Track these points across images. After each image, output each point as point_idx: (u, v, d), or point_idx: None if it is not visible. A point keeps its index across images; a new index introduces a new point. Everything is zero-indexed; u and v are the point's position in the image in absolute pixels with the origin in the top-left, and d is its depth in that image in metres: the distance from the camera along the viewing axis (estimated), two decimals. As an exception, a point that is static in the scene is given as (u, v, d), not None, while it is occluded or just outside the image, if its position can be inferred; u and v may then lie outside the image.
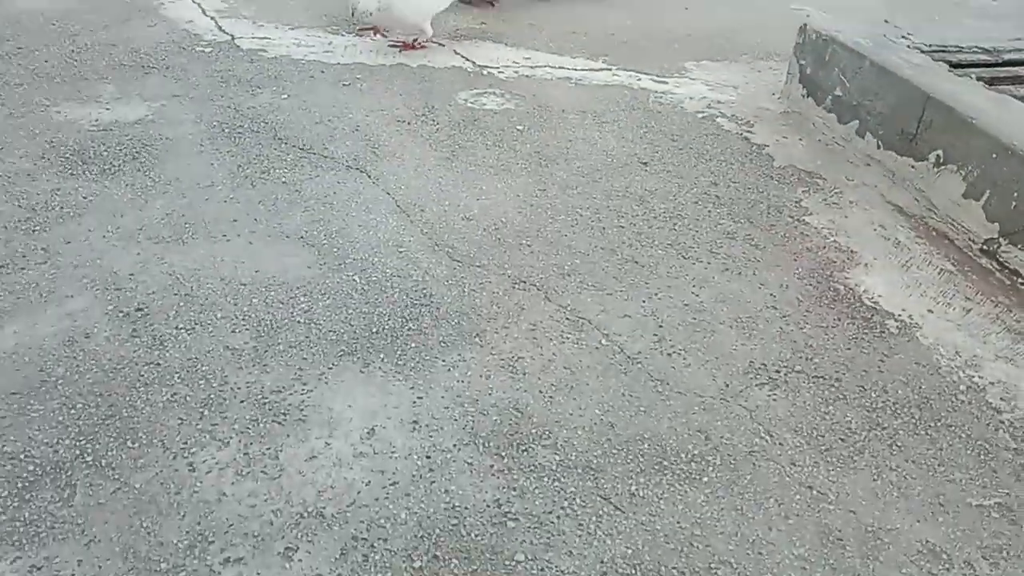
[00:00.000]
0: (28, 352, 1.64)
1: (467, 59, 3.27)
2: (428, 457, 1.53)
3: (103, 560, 1.28)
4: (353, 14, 3.08)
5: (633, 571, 1.36)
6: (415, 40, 3.27)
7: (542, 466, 1.54)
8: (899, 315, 2.07)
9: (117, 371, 1.61)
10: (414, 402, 1.64)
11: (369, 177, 2.37)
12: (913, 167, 2.56)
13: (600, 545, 1.40)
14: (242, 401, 1.59)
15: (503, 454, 1.55)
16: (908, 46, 2.85)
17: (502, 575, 1.33)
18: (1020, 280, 2.22)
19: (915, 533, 1.50)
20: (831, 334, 1.97)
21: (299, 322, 1.80)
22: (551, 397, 1.69)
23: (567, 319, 1.92)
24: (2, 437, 1.46)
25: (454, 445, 1.56)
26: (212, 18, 3.36)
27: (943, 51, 2.87)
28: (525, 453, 1.56)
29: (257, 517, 1.37)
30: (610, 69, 3.31)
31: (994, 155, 2.29)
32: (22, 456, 1.43)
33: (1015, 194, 2.23)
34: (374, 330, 1.80)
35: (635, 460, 1.57)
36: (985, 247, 2.32)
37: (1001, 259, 2.27)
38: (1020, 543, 1.50)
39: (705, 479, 1.55)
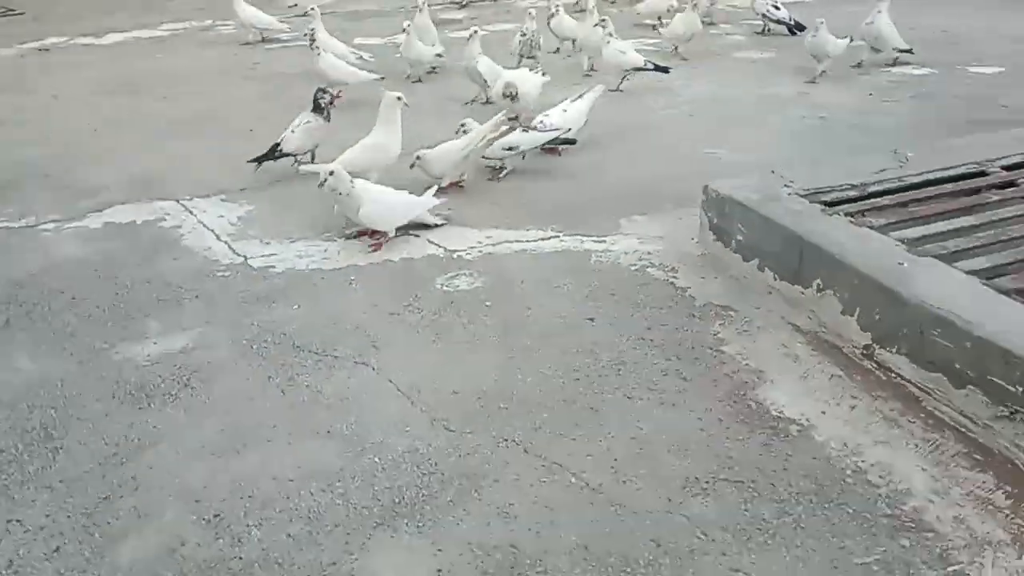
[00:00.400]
0: (143, 567, 2.17)
1: (439, 246, 3.95)
2: (451, 595, 2.05)
3: None
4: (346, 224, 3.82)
5: (609, 658, 1.88)
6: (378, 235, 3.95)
7: (536, 589, 2.07)
8: (799, 419, 2.65)
9: (212, 568, 2.15)
10: (435, 554, 2.18)
11: (373, 370, 2.97)
12: (803, 293, 3.21)
13: (583, 643, 1.92)
14: None
15: (506, 584, 2.08)
16: (789, 193, 3.56)
17: (515, 676, 1.84)
18: (893, 375, 2.82)
19: (813, 596, 2.02)
20: (747, 444, 2.54)
21: (338, 504, 2.35)
22: (537, 532, 2.24)
23: (542, 465, 2.48)
24: (137, 630, 1.98)
25: (469, 583, 2.09)
26: (225, 242, 4.06)
27: (818, 192, 3.58)
28: (522, 581, 2.09)
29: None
30: (558, 236, 4.01)
31: (855, 281, 2.94)
32: (155, 642, 1.95)
33: (876, 310, 2.87)
34: (397, 501, 2.36)
35: (606, 570, 2.10)
36: (864, 351, 2.93)
37: (878, 360, 2.88)
38: (892, 591, 2.03)
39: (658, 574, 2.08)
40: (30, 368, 3.06)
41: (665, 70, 6.24)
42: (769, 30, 8.40)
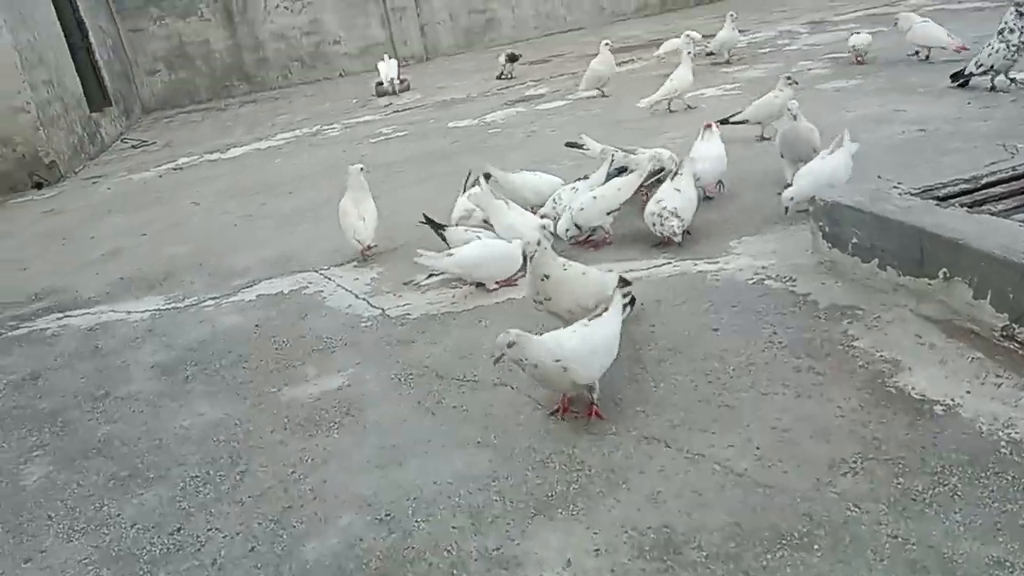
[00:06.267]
0: (329, 557, 2.40)
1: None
2: (612, 571, 2.16)
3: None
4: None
5: (776, 616, 1.93)
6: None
7: (694, 561, 2.14)
8: (943, 400, 2.64)
9: (389, 557, 2.35)
10: (592, 536, 2.30)
11: (512, 389, 3.16)
12: (930, 284, 3.20)
13: (748, 603, 1.97)
14: (476, 559, 2.28)
15: (664, 558, 2.17)
16: (900, 194, 3.60)
17: (685, 635, 1.92)
18: (1038, 352, 2.76)
19: (981, 549, 2.01)
20: (891, 426, 2.55)
21: (496, 500, 2.52)
22: (688, 513, 2.32)
23: (685, 458, 2.57)
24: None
25: (628, 559, 2.19)
26: (364, 299, 4.43)
27: (930, 190, 3.60)
28: (679, 555, 2.17)
29: (510, 628, 2.02)
30: (670, 262, 4.15)
31: (982, 263, 2.93)
32: (348, 620, 2.15)
33: (1009, 290, 2.84)
34: (551, 495, 2.50)
35: (760, 544, 2.16)
36: (1004, 332, 2.89)
37: (1019, 339, 2.83)
38: (1066, 545, 1.98)
39: (815, 546, 2.12)
40: (211, 412, 3.45)
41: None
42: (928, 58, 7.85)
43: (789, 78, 5.73)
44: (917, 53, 7.91)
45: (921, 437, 2.48)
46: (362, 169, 5.22)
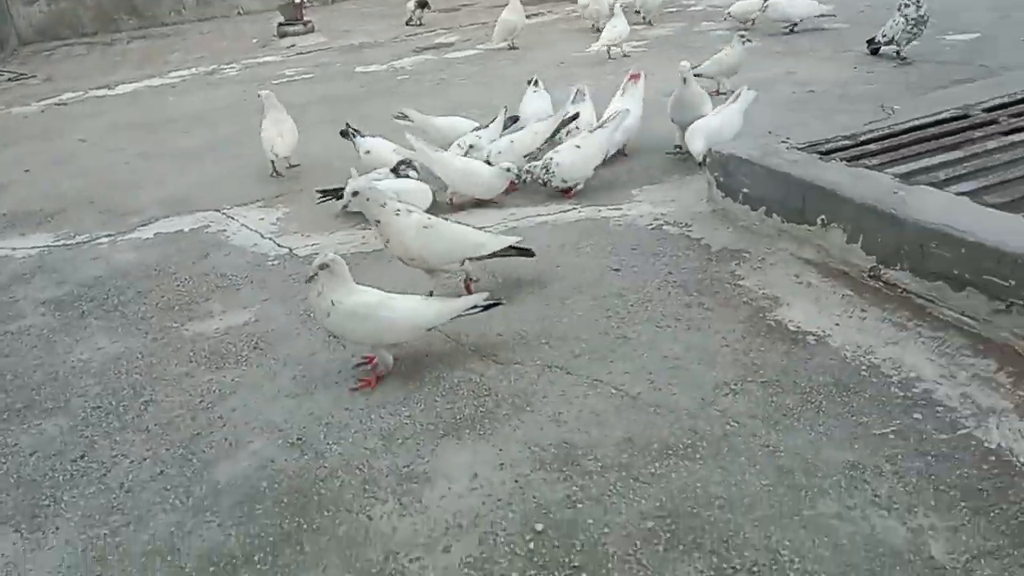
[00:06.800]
0: (240, 478, 2.45)
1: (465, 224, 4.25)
2: (516, 481, 2.31)
3: (333, 570, 2.05)
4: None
5: (661, 515, 2.13)
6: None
7: (591, 471, 2.32)
8: (815, 331, 2.91)
9: (301, 476, 2.42)
10: (497, 453, 2.44)
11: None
12: (809, 230, 3.48)
13: (637, 504, 2.17)
14: (387, 475, 2.39)
15: (564, 469, 2.34)
16: (788, 148, 3.86)
17: (580, 534, 2.09)
18: (899, 290, 3.08)
19: (839, 455, 2.28)
20: (769, 353, 2.81)
21: (407, 423, 2.63)
22: (586, 431, 2.50)
23: (585, 383, 2.75)
24: (249, 525, 2.25)
25: (530, 471, 2.35)
26: (270, 239, 4.38)
27: (814, 145, 3.88)
28: (577, 466, 2.35)
29: (422, 535, 2.15)
30: (576, 208, 4.31)
31: (856, 212, 3.22)
32: (262, 534, 2.22)
33: (878, 235, 3.14)
34: (459, 418, 2.63)
35: (650, 455, 2.36)
36: (871, 273, 3.20)
37: (884, 279, 3.15)
38: (909, 450, 2.28)
39: (698, 455, 2.34)
40: (110, 346, 3.37)
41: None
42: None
43: (742, 36, 5.96)
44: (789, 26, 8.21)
45: (795, 363, 2.74)
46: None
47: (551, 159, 4.36)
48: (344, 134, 5.11)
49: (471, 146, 4.79)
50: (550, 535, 2.11)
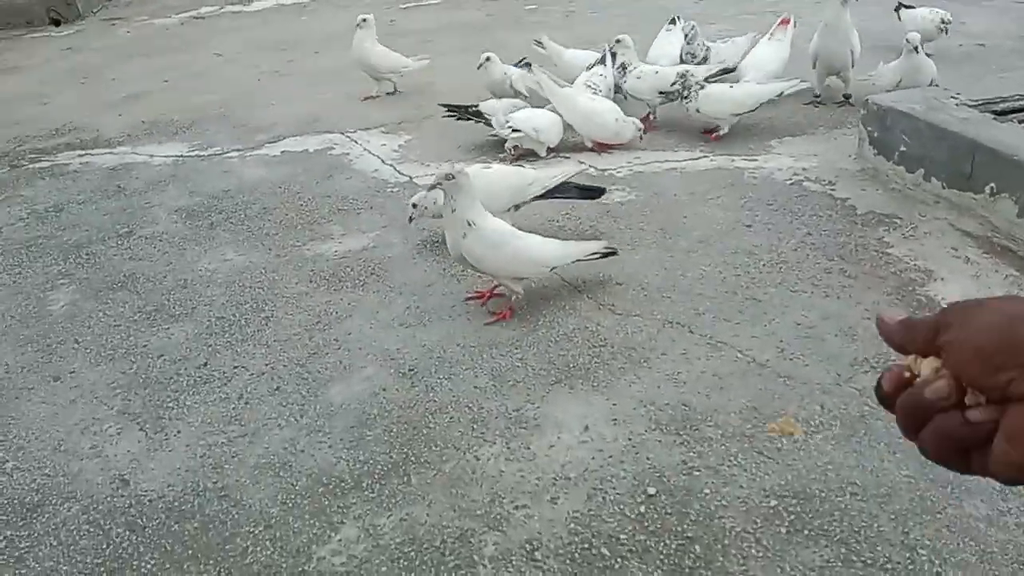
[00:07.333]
0: (353, 402, 2.47)
1: (590, 165, 4.09)
2: (629, 439, 2.22)
3: (439, 513, 2.03)
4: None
5: (786, 495, 1.99)
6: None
7: (710, 438, 2.20)
8: (973, 313, 2.62)
9: (411, 407, 2.41)
10: (611, 407, 2.34)
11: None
12: (974, 199, 3.13)
13: (760, 479, 2.03)
14: (496, 417, 2.34)
15: (681, 433, 2.22)
16: (957, 104, 3.46)
17: (695, 503, 1.99)
18: (1076, 275, 2.73)
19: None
20: (917, 332, 2.55)
21: (518, 366, 2.56)
22: (707, 395, 2.36)
23: (708, 344, 2.59)
24: (359, 450, 2.26)
25: (645, 430, 2.24)
26: (391, 165, 4.36)
27: (988, 103, 3.46)
28: (696, 431, 2.22)
29: (528, 482, 2.10)
30: (707, 156, 4.06)
31: (1034, 180, 2.86)
32: (371, 460, 2.23)
33: (1057, 208, 2.78)
34: (572, 366, 2.54)
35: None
36: (1043, 253, 2.85)
37: (1058, 261, 2.80)
38: None
39: (829, 434, 2.16)
40: (236, 258, 3.46)
41: None
42: None
43: None
44: None
45: (946, 346, 2.48)
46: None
47: (702, 87, 4.12)
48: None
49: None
50: (663, 500, 2.01)
